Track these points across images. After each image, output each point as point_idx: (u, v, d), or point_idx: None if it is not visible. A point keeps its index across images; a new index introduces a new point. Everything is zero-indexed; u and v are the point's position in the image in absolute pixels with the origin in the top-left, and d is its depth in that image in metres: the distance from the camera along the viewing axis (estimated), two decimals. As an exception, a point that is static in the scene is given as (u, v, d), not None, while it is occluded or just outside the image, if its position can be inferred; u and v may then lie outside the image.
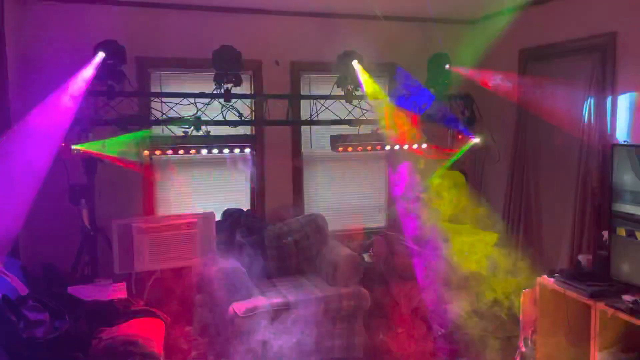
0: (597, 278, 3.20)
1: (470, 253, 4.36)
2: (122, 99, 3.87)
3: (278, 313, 3.62)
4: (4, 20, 3.53)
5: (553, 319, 3.46)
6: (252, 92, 4.58)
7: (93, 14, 4.10)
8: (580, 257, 3.50)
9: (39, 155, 3.46)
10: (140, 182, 4.27)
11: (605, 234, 3.34)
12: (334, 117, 4.37)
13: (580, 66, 3.95)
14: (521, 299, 3.75)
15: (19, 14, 3.89)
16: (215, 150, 4.02)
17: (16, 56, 3.80)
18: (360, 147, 4.29)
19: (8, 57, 3.60)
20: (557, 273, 3.44)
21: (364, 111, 4.42)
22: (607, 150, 3.51)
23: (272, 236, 4.26)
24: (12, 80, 3.67)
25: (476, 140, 4.53)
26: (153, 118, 4.07)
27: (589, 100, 3.83)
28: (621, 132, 3.65)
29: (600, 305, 2.99)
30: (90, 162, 3.72)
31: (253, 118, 4.45)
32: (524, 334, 3.73)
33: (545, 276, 3.51)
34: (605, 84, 3.74)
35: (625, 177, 3.12)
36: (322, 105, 4.38)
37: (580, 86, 3.89)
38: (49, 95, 3.49)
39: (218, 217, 4.18)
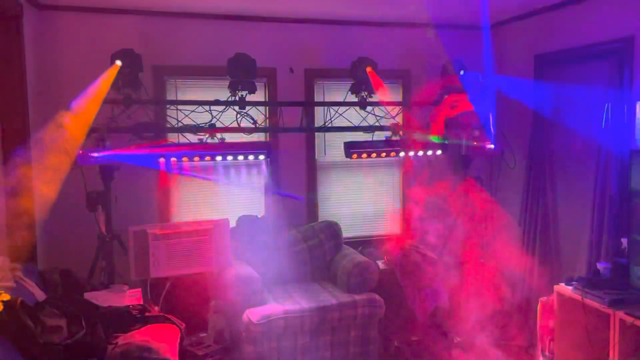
0: (616, 286, 3.15)
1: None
2: (139, 106, 3.91)
3: (292, 320, 3.62)
4: (23, 30, 3.60)
5: (571, 327, 3.40)
6: (266, 100, 4.61)
7: (110, 23, 4.17)
8: (599, 265, 3.45)
9: (58, 162, 3.52)
10: (156, 189, 4.31)
11: (624, 241, 3.29)
12: (348, 124, 4.37)
13: (597, 71, 3.91)
14: (538, 307, 3.70)
15: (37, 24, 3.96)
16: (230, 157, 4.04)
17: (34, 65, 3.87)
18: (375, 154, 4.27)
19: (27, 66, 3.67)
20: (575, 281, 3.40)
21: (378, 118, 4.42)
22: (626, 156, 3.46)
23: (286, 243, 4.27)
24: (31, 89, 3.74)
25: (491, 146, 4.49)
26: (169, 125, 4.12)
27: (606, 105, 3.78)
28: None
29: (620, 314, 2.94)
30: (107, 169, 3.76)
31: (267, 125, 4.46)
32: (541, 343, 3.68)
33: (563, 284, 3.46)
34: (623, 88, 3.69)
35: (644, 184, 3.07)
36: (336, 112, 4.38)
37: (597, 91, 3.85)
38: (66, 103, 3.54)
39: (233, 224, 4.19)
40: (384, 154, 4.30)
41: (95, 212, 3.74)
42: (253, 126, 4.14)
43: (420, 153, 4.37)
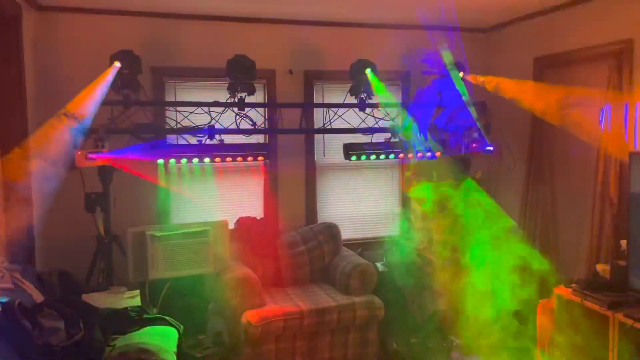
0: (615, 288, 3.15)
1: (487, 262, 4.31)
2: (138, 108, 3.91)
3: (291, 322, 3.61)
4: (22, 30, 3.59)
5: (570, 329, 3.40)
6: (266, 101, 4.60)
7: (109, 24, 4.17)
8: (598, 267, 3.45)
9: (56, 163, 3.51)
10: (155, 190, 4.30)
11: (624, 243, 3.28)
12: (347, 126, 4.37)
13: (596, 73, 3.92)
14: (538, 309, 3.70)
15: (36, 24, 3.95)
16: (229, 159, 4.03)
17: (34, 66, 3.86)
18: (374, 156, 4.27)
19: (25, 67, 3.66)
20: (575, 283, 3.39)
21: (377, 119, 4.41)
22: (625, 158, 3.46)
23: (285, 245, 4.26)
24: (30, 90, 3.73)
25: (490, 148, 4.49)
26: (168, 127, 4.11)
27: (605, 107, 3.78)
28: None
29: (619, 316, 2.93)
30: (106, 170, 3.75)
31: (266, 127, 4.46)
32: (540, 345, 3.68)
33: (562, 286, 3.46)
34: (622, 91, 3.70)
35: (643, 186, 3.07)
36: (335, 113, 4.38)
37: (596, 94, 3.85)
38: (65, 104, 3.53)
39: (231, 225, 4.18)
40: (383, 156, 4.30)
41: (94, 213, 3.73)
42: (252, 127, 4.13)
43: (420, 154, 4.36)
